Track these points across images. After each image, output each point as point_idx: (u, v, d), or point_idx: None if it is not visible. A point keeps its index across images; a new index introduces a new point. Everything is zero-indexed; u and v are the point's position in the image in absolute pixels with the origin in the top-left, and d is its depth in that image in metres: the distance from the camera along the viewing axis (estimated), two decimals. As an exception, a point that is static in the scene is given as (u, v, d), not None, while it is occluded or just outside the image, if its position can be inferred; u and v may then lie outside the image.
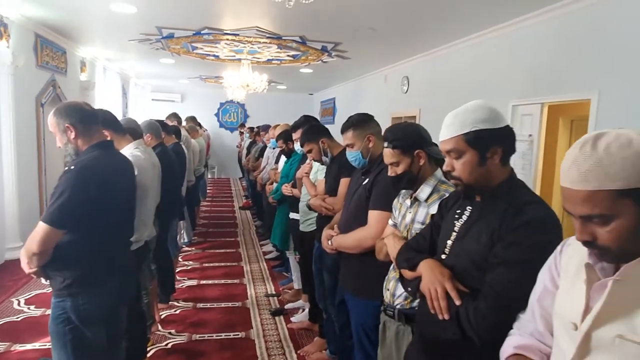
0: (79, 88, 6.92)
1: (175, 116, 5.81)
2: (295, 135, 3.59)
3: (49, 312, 2.00)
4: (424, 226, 1.64)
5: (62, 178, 1.73)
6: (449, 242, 1.34)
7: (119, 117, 7.75)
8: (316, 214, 3.01)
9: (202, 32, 5.46)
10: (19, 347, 3.04)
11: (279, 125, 4.89)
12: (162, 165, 3.32)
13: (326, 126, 3.18)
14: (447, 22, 4.63)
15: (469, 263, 1.26)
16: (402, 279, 1.50)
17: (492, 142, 1.25)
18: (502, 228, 1.19)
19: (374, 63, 7.57)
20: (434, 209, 1.62)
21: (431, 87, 6.18)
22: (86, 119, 1.86)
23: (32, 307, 3.68)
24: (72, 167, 1.74)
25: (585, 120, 3.53)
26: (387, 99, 7.77)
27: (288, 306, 4.00)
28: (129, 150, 2.49)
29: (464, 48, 5.32)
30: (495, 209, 1.25)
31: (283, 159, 4.47)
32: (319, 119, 12.53)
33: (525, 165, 4.34)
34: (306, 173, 3.16)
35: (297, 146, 3.68)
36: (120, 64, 8.70)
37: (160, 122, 4.22)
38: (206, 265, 5.14)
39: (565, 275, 1.00)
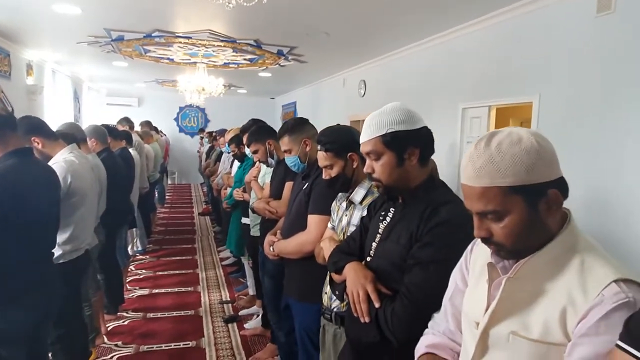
0: (25, 92, 6.61)
1: (126, 121, 5.65)
2: (245, 139, 3.56)
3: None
4: (357, 228, 1.65)
5: None
6: (374, 244, 1.34)
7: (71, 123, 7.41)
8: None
9: (152, 34, 5.34)
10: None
11: (232, 129, 4.84)
12: (107, 171, 3.22)
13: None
14: (398, 28, 4.70)
15: (390, 265, 1.26)
16: (332, 282, 1.49)
17: (408, 143, 1.27)
18: (419, 229, 1.20)
19: (332, 67, 7.62)
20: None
21: (387, 90, 6.27)
22: (1, 125, 1.76)
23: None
24: None
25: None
26: (346, 103, 7.83)
27: (242, 312, 3.94)
28: (62, 155, 2.38)
29: (417, 52, 5.43)
30: (414, 210, 1.26)
31: (237, 163, 4.41)
32: (280, 122, 12.51)
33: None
34: (254, 177, 3.13)
35: (248, 150, 3.64)
36: (71, 67, 8.39)
37: (108, 126, 4.09)
38: (160, 273, 5.00)
39: (472, 275, 1.01)
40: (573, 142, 3.03)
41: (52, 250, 2.06)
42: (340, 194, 1.86)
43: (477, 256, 1.02)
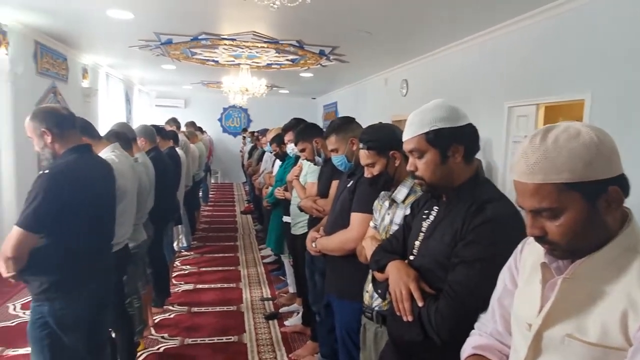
0: (80, 95, 6.98)
1: (174, 121, 5.84)
2: (287, 138, 3.60)
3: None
4: (400, 228, 1.63)
5: (36, 182, 1.73)
6: (417, 243, 1.33)
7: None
8: (307, 217, 3.01)
9: (199, 37, 5.50)
10: (11, 352, 3.06)
11: (273, 129, 4.90)
12: (155, 169, 3.35)
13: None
14: (441, 26, 4.62)
15: (434, 263, 1.24)
16: (374, 280, 1.48)
17: (452, 140, 1.24)
18: (464, 227, 1.18)
19: (374, 67, 7.57)
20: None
21: (429, 89, 6.16)
22: (62, 123, 1.87)
23: (27, 312, 3.69)
24: (47, 171, 1.75)
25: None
26: (388, 102, 7.77)
27: (283, 310, 3.98)
28: (104, 154, 2.50)
29: (461, 50, 5.31)
30: (458, 208, 1.24)
31: (278, 162, 4.47)
32: (322, 123, 12.56)
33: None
34: (296, 176, 3.15)
35: (288, 149, 3.68)
36: (123, 71, 8.78)
37: (156, 126, 4.25)
38: (204, 269, 5.14)
39: (523, 275, 0.98)
40: (628, 143, 2.86)
41: (111, 242, 2.17)
42: (382, 192, 1.85)
43: (527, 256, 0.98)
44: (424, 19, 4.42)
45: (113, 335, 2.50)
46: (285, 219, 3.64)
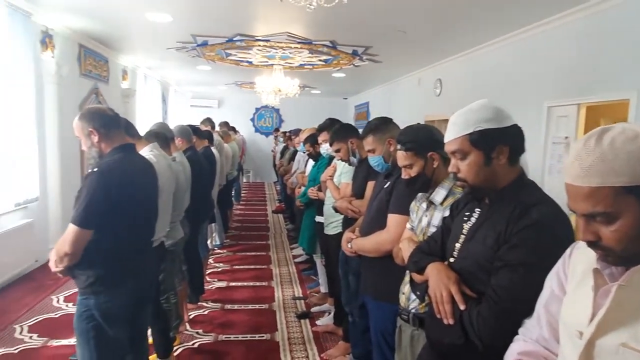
0: (120, 95, 7.22)
1: (209, 121, 5.95)
2: (321, 138, 3.61)
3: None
4: (439, 230, 1.61)
5: (86, 180, 1.81)
6: (457, 245, 1.30)
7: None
8: (340, 217, 3.01)
9: (234, 38, 5.59)
10: (55, 343, 3.19)
11: (306, 129, 4.92)
12: (191, 168, 3.42)
13: (361, 130, 3.17)
14: (477, 24, 4.53)
15: (475, 266, 1.22)
16: (412, 282, 1.47)
17: (497, 141, 1.22)
18: (507, 230, 1.15)
19: (407, 66, 7.50)
20: (448, 212, 1.59)
21: (464, 89, 6.05)
22: (108, 124, 1.95)
23: (69, 304, 3.86)
24: (95, 170, 1.82)
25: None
26: (421, 102, 7.67)
27: (314, 309, 4.00)
28: (143, 153, 2.58)
29: (498, 49, 5.19)
30: (502, 210, 1.21)
31: (311, 162, 4.49)
32: (353, 123, 12.53)
33: (561, 168, 4.17)
34: (330, 176, 3.15)
35: (322, 149, 3.69)
36: (160, 72, 9.02)
37: (192, 126, 4.34)
38: (236, 267, 5.22)
39: (572, 281, 0.95)
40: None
41: (152, 239, 2.24)
42: (420, 194, 1.83)
43: (577, 261, 0.95)
44: (461, 17, 4.35)
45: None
46: (318, 218, 3.65)
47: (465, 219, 1.32)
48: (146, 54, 7.15)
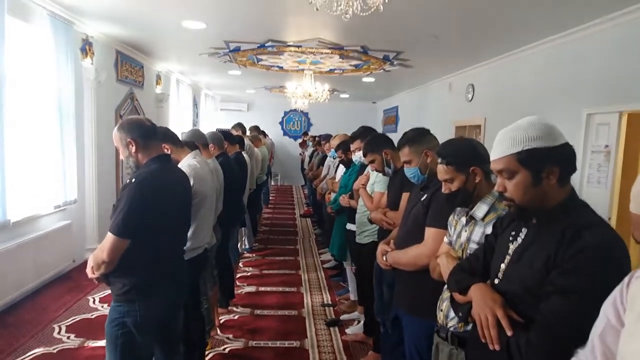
0: (154, 100, 7.39)
1: (240, 126, 6.02)
2: (354, 146, 3.59)
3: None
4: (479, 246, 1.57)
5: (124, 190, 1.85)
6: (503, 266, 1.26)
7: (190, 126, 8.17)
8: (373, 227, 2.99)
9: (266, 44, 5.64)
10: (91, 343, 3.28)
11: (337, 135, 4.91)
12: (224, 174, 3.47)
13: (389, 135, 3.14)
14: (513, 29, 4.43)
15: (522, 289, 1.18)
16: (453, 301, 1.44)
17: (547, 161, 1.17)
18: (558, 254, 1.10)
19: (438, 71, 7.41)
20: (490, 229, 1.55)
21: (497, 95, 5.93)
22: (146, 134, 1.99)
23: (105, 305, 3.96)
24: (133, 180, 1.86)
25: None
26: (451, 108, 7.56)
27: (344, 317, 3.98)
28: (187, 161, 2.63)
29: (532, 54, 5.06)
30: (551, 232, 1.16)
31: (341, 169, 4.48)
32: (381, 127, 12.45)
33: (601, 178, 4.04)
34: (363, 184, 3.13)
35: (355, 157, 3.67)
36: (192, 77, 9.20)
37: (224, 132, 4.40)
38: (265, 272, 5.25)
39: (631, 313, 0.90)
40: None
41: (184, 247, 2.28)
42: (458, 208, 1.79)
43: (637, 292, 0.90)
44: (495, 22, 4.26)
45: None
46: (350, 226, 3.63)
47: (511, 238, 1.27)
48: (179, 60, 7.29)
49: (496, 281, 1.28)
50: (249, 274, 5.15)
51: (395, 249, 2.19)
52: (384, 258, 2.20)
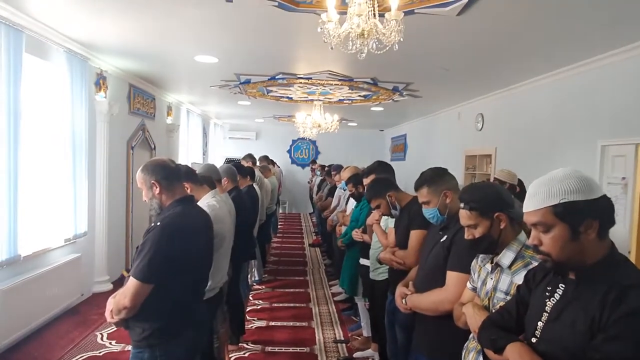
0: (164, 130, 7.46)
1: (250, 157, 6.04)
2: (367, 181, 3.56)
3: (128, 348, 2.07)
4: (507, 296, 1.51)
5: (149, 234, 1.82)
6: (540, 324, 1.20)
7: (199, 155, 8.17)
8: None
9: (276, 77, 5.70)
10: (100, 383, 3.19)
11: (348, 167, 4.89)
12: (236, 209, 3.44)
13: (397, 163, 3.10)
14: (525, 60, 4.44)
15: (563, 351, 1.11)
16: (485, 358, 1.37)
17: (585, 215, 1.12)
18: (602, 317, 1.05)
19: (446, 101, 7.44)
20: (519, 278, 1.49)
21: (508, 125, 5.92)
22: (170, 176, 1.98)
23: (113, 342, 3.88)
24: (158, 224, 1.84)
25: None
26: (461, 137, 7.56)
27: (357, 355, 3.86)
28: (206, 200, 2.61)
29: (545, 85, 5.07)
30: (593, 290, 1.10)
31: (352, 202, 4.44)
32: (389, 155, 12.40)
33: (618, 210, 3.96)
34: (376, 220, 3.09)
35: (367, 191, 3.64)
36: (202, 107, 9.31)
37: (236, 164, 4.39)
38: (275, 305, 5.15)
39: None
40: None
41: (205, 289, 2.24)
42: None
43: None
44: (506, 54, 4.28)
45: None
46: (363, 261, 3.57)
47: (548, 294, 1.22)
48: (190, 91, 7.40)
49: (533, 340, 1.21)
50: (259, 307, 5.06)
51: (414, 291, 2.13)
52: (404, 301, 2.14)
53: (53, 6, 3.38)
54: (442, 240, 2.04)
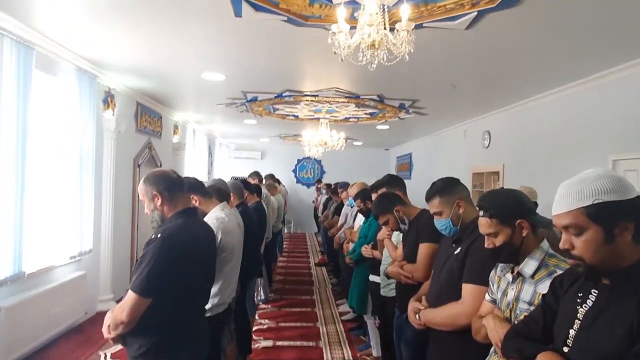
0: (171, 149, 7.48)
1: (256, 174, 6.01)
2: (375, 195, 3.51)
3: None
4: (531, 307, 1.45)
5: (149, 246, 1.77)
6: (572, 332, 1.14)
7: (204, 174, 8.14)
8: (398, 279, 2.86)
9: (283, 94, 5.72)
10: (103, 404, 3.10)
11: (356, 183, 4.85)
12: (244, 224, 3.40)
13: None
14: (533, 75, 4.44)
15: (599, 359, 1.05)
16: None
17: (620, 217, 1.07)
18: None
19: (453, 118, 7.44)
20: (542, 287, 1.43)
21: (516, 141, 5.88)
22: (172, 187, 1.94)
23: (117, 361, 3.80)
24: (159, 236, 1.79)
25: None
26: (467, 154, 7.52)
27: (367, 376, 3.75)
28: (215, 213, 2.57)
29: (552, 100, 5.05)
30: (630, 295, 1.05)
31: (360, 217, 4.38)
32: (395, 174, 12.37)
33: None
34: (388, 234, 3.03)
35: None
36: (207, 126, 9.35)
37: (243, 181, 4.37)
38: (282, 324, 5.04)
39: None
40: None
41: (205, 307, 2.17)
42: (500, 263, 1.68)
43: None
44: (513, 70, 4.28)
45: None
46: (373, 278, 3.50)
47: (579, 300, 1.16)
48: (196, 110, 7.43)
49: (565, 349, 1.14)
50: (265, 326, 4.95)
51: (428, 306, 2.06)
52: (417, 317, 2.07)
53: (64, 23, 3.42)
54: (455, 252, 1.98)
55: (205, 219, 2.44)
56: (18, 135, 3.43)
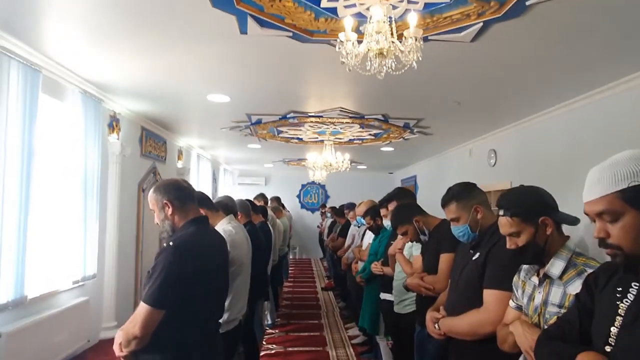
0: (175, 174, 7.45)
1: (262, 196, 5.98)
2: (385, 211, 3.44)
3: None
4: (561, 309, 1.37)
5: (160, 255, 1.71)
6: (614, 330, 1.05)
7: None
8: (414, 294, 2.76)
9: (287, 115, 5.72)
10: None
11: (363, 202, 4.79)
12: (251, 243, 3.32)
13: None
14: (539, 89, 4.42)
15: (648, 358, 0.97)
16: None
17: None
18: None
19: (458, 137, 7.41)
20: (573, 288, 1.35)
21: (523, 159, 5.83)
22: (183, 196, 1.90)
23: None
24: (170, 244, 1.73)
25: None
26: (473, 173, 7.45)
27: (381, 400, 3.60)
28: (222, 225, 2.51)
29: (558, 116, 5.01)
30: None
31: (368, 236, 4.30)
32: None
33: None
34: (399, 249, 2.95)
35: (386, 222, 3.52)
36: (211, 151, 9.36)
37: (250, 201, 4.31)
38: (290, 349, 4.89)
39: None
40: None
41: (219, 320, 2.08)
42: (524, 266, 1.60)
43: None
44: (518, 84, 4.26)
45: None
46: (384, 296, 3.39)
47: (619, 295, 1.08)
48: (200, 134, 7.45)
49: (607, 349, 1.05)
50: (272, 351, 4.80)
51: (446, 315, 1.96)
52: (436, 326, 1.97)
53: (71, 47, 3.44)
54: (474, 258, 1.90)
55: (212, 232, 2.38)
56: (23, 157, 3.40)
